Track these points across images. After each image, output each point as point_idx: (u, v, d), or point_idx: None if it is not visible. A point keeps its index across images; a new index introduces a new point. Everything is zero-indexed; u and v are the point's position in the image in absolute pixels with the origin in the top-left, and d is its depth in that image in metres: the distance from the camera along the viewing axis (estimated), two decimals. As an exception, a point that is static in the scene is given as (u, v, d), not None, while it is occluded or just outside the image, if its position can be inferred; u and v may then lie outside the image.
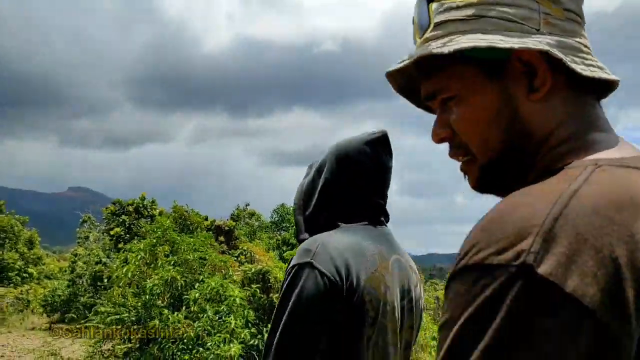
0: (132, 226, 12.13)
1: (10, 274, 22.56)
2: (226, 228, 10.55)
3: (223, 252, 9.58)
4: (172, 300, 7.45)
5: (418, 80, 0.74)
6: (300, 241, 1.41)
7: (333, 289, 1.20)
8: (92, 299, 19.68)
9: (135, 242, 9.36)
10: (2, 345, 13.18)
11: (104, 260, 19.03)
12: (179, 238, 7.90)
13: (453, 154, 0.73)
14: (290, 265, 1.26)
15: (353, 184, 1.41)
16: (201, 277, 7.38)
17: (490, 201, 0.70)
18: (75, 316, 19.60)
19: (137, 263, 7.48)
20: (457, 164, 0.74)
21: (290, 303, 1.20)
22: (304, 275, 1.21)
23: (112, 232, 12.62)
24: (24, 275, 24.33)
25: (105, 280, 18.10)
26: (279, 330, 1.20)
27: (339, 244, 1.27)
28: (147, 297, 7.15)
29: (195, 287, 7.25)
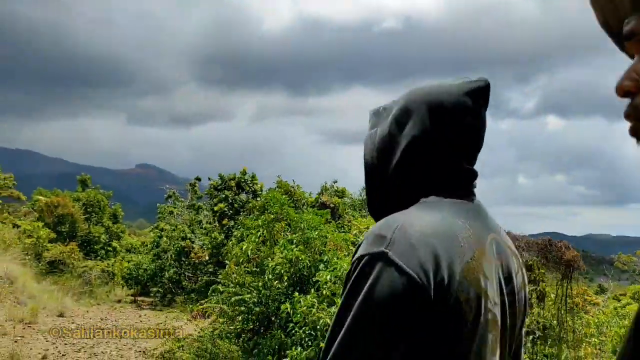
0: (233, 202, 11.81)
1: (96, 247, 23.21)
2: (331, 205, 10.00)
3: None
4: (292, 282, 6.98)
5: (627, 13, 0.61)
6: (374, 214, 1.22)
7: (416, 291, 0.94)
8: (177, 274, 19.95)
9: (245, 218, 8.96)
10: (102, 320, 13.37)
11: (189, 235, 19.14)
12: (296, 215, 7.39)
13: (630, 113, 0.59)
14: (358, 254, 1.00)
15: (448, 144, 1.13)
16: (325, 257, 6.84)
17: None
18: (160, 290, 19.93)
19: (255, 240, 7.05)
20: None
21: (356, 307, 0.95)
22: (376, 271, 0.95)
23: (215, 208, 12.34)
24: (108, 249, 25.03)
25: (192, 255, 18.24)
26: (339, 340, 0.95)
27: (423, 227, 1.00)
28: (268, 277, 6.71)
29: (320, 267, 6.75)
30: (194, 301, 16.87)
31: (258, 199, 11.00)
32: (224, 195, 12.24)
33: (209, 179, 21.34)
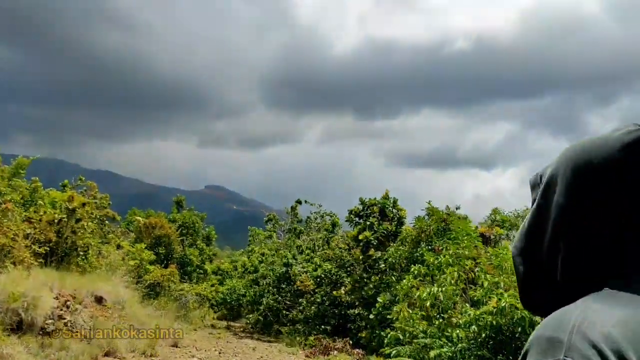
0: (376, 230, 10.72)
1: (189, 268, 22.84)
2: (492, 236, 8.65)
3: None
4: (490, 343, 5.68)
5: None
6: (531, 308, 1.06)
7: None
8: (276, 302, 19.05)
9: (397, 248, 7.79)
10: (220, 353, 12.47)
11: (291, 262, 18.24)
12: (494, 250, 6.11)
13: None
14: None
15: (606, 211, 0.92)
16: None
17: None
18: (260, 317, 19.05)
19: (450, 283, 5.81)
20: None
21: None
22: None
23: (360, 237, 11.28)
24: (199, 272, 24.67)
25: (298, 283, 17.30)
26: None
27: (608, 326, 0.79)
28: (461, 333, 5.43)
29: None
30: (301, 333, 15.84)
31: (403, 226, 9.85)
32: (369, 223, 11.13)
33: (303, 202, 20.50)
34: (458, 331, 5.48)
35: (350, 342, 12.23)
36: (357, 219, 11.90)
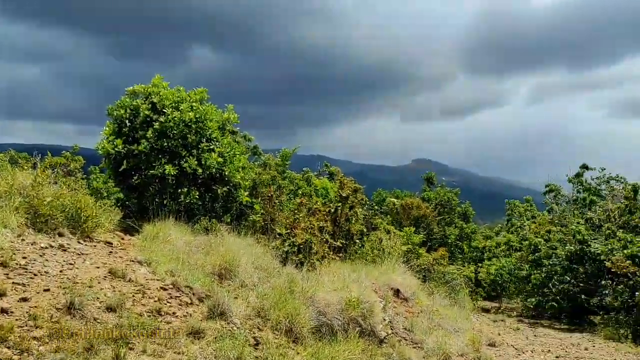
0: None
1: (453, 249, 21.24)
2: None
3: None
4: None
5: None
6: None
7: None
8: (569, 286, 16.31)
9: None
10: (556, 356, 10.51)
11: (587, 238, 15.33)
12: None
13: None
14: None
15: None
16: None
17: None
18: (555, 305, 16.55)
19: None
20: None
21: None
22: None
23: None
24: (457, 251, 22.96)
25: (609, 264, 14.45)
26: None
27: None
28: None
29: None
30: (623, 324, 13.00)
31: None
32: None
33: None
34: None
35: None
36: None
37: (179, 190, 10.48)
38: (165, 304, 5.47)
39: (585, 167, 17.99)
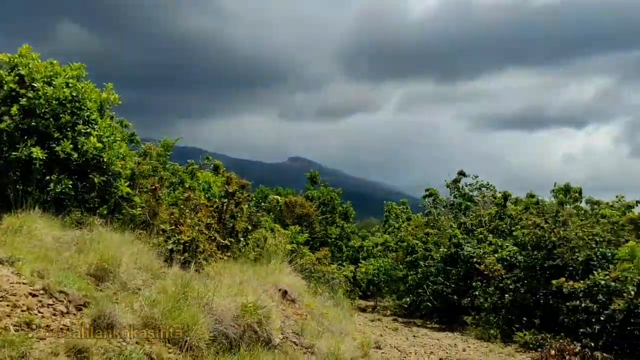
0: None
1: (333, 249, 21.42)
2: None
3: None
4: None
5: None
6: None
7: None
8: (442, 287, 17.13)
9: None
10: (429, 355, 10.76)
11: (461, 241, 16.19)
12: None
13: None
14: None
15: None
16: None
17: None
18: (429, 304, 17.25)
19: None
20: None
21: None
22: None
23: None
24: (335, 250, 23.24)
25: (482, 267, 15.31)
26: None
27: None
28: None
29: None
30: (492, 324, 13.83)
31: None
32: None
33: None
34: None
35: (592, 344, 10.11)
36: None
37: (48, 177, 9.16)
38: (37, 315, 4.54)
39: (462, 173, 19.16)
